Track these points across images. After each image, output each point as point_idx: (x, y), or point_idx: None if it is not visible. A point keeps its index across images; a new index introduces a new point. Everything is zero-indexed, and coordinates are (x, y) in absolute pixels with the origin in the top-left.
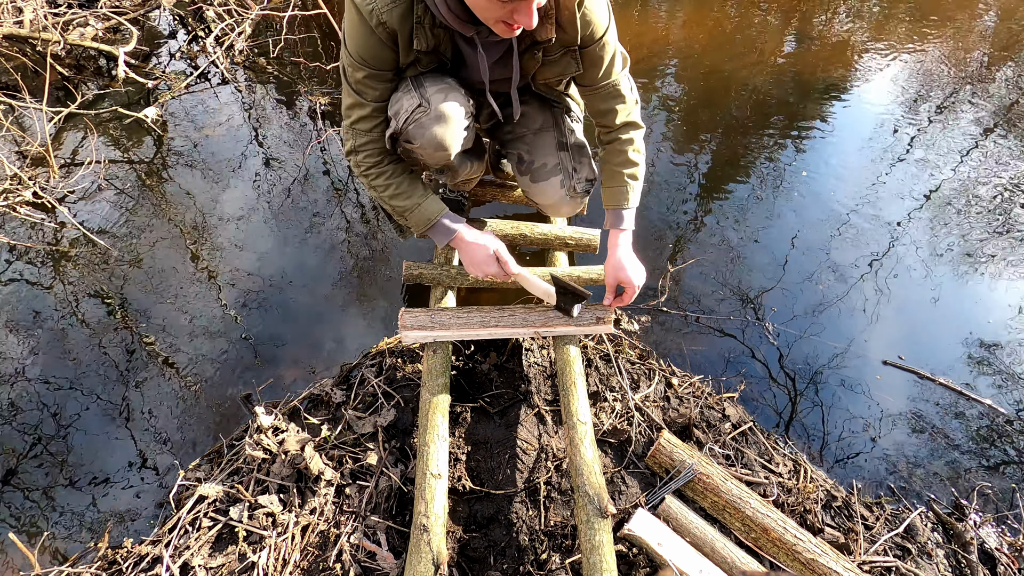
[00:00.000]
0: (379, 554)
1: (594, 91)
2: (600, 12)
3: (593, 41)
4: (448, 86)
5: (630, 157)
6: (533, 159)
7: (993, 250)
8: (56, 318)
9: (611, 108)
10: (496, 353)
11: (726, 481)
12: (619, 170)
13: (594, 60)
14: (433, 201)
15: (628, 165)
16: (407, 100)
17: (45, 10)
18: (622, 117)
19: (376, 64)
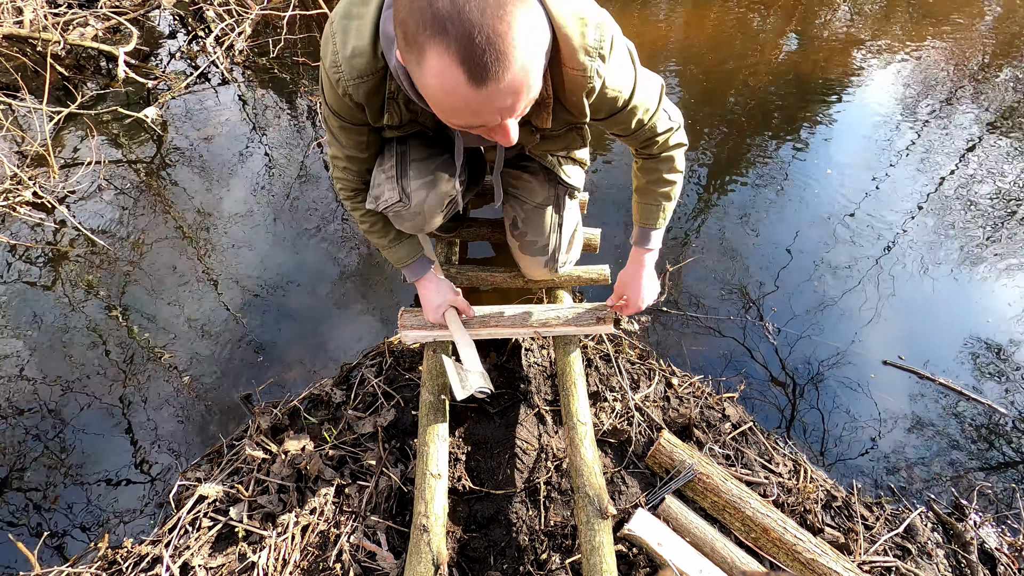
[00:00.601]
0: (379, 554)
1: (629, 137)
2: (620, 84)
3: (614, 113)
4: (433, 180)
5: (665, 176)
6: (527, 231)
7: (993, 250)
8: (56, 318)
9: (650, 142)
10: (496, 353)
11: (726, 481)
12: (653, 188)
13: (620, 122)
14: (405, 245)
15: (662, 184)
16: (388, 190)
17: (45, 10)
18: (661, 147)
19: (350, 119)
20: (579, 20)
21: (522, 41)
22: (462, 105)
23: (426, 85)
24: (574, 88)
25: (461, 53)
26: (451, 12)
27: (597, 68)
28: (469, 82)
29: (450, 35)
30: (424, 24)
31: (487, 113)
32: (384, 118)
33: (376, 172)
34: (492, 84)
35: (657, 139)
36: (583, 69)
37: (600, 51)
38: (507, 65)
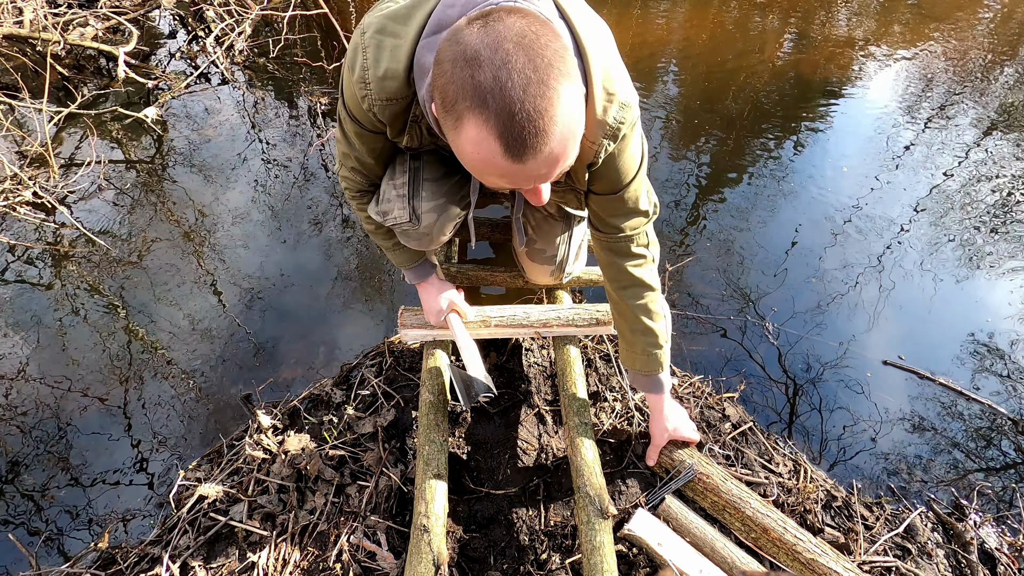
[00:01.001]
0: (379, 554)
1: (602, 236)
2: (624, 166)
3: (607, 193)
4: (444, 204)
5: (645, 323)
6: (536, 239)
7: (993, 249)
8: (56, 318)
9: (618, 264)
10: (496, 353)
11: (726, 481)
12: (636, 338)
13: (604, 206)
14: (409, 249)
15: (646, 333)
16: (398, 208)
17: (45, 10)
18: (631, 278)
19: (369, 127)
20: (607, 95)
21: (563, 117)
22: (496, 173)
23: (462, 151)
24: (581, 157)
25: (500, 127)
26: (493, 86)
27: (606, 146)
28: (506, 155)
29: (490, 109)
30: (465, 94)
31: (521, 180)
32: (404, 139)
33: (386, 185)
34: (530, 159)
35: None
36: (595, 142)
37: (617, 132)
38: (546, 140)
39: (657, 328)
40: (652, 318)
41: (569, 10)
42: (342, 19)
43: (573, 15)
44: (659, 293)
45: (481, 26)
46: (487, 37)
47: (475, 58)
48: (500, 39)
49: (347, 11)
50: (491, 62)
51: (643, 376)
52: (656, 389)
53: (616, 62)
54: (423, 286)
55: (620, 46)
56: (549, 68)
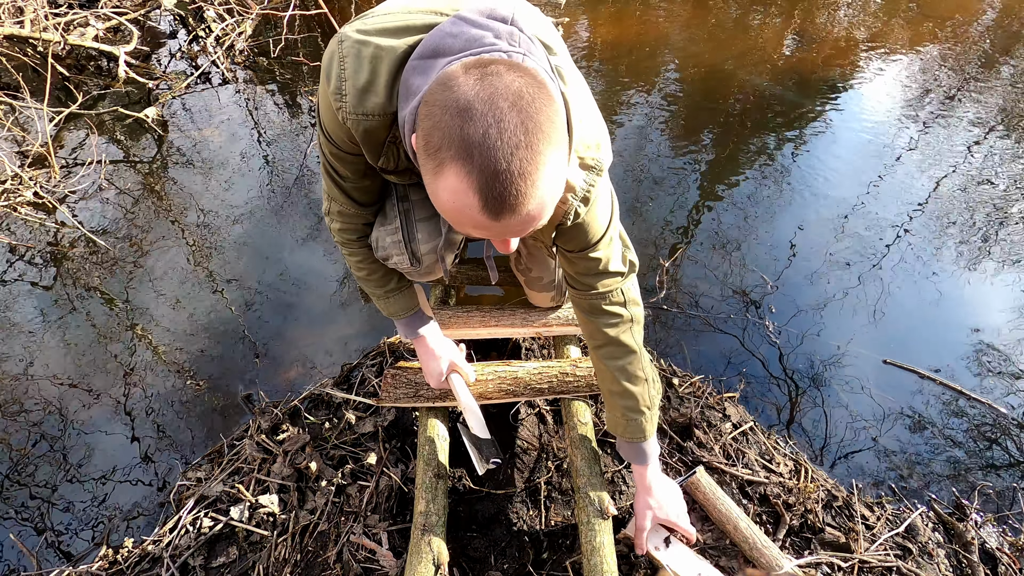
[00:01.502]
0: (379, 552)
1: (575, 292)
2: (591, 227)
3: (576, 251)
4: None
5: (623, 386)
6: (532, 268)
7: (994, 249)
8: (57, 318)
9: (592, 322)
10: (496, 353)
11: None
12: (615, 401)
13: (575, 264)
14: (403, 298)
15: (624, 396)
16: (396, 254)
17: (46, 10)
18: (606, 337)
19: (345, 149)
20: (580, 158)
21: (545, 181)
22: (470, 224)
23: (437, 197)
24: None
25: (481, 183)
26: (482, 142)
27: (576, 208)
28: (483, 211)
29: (475, 163)
30: (451, 143)
31: (492, 234)
32: (380, 160)
33: (380, 231)
34: (505, 217)
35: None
36: (563, 203)
37: (587, 195)
38: (525, 203)
39: (637, 392)
40: (632, 381)
41: (560, 66)
42: (342, 19)
43: (564, 71)
44: (641, 355)
45: (478, 78)
46: (483, 91)
47: (467, 109)
48: (496, 95)
49: (347, 11)
50: (483, 117)
51: (625, 443)
52: (639, 459)
53: (595, 123)
54: (420, 343)
55: (620, 45)
56: (539, 132)
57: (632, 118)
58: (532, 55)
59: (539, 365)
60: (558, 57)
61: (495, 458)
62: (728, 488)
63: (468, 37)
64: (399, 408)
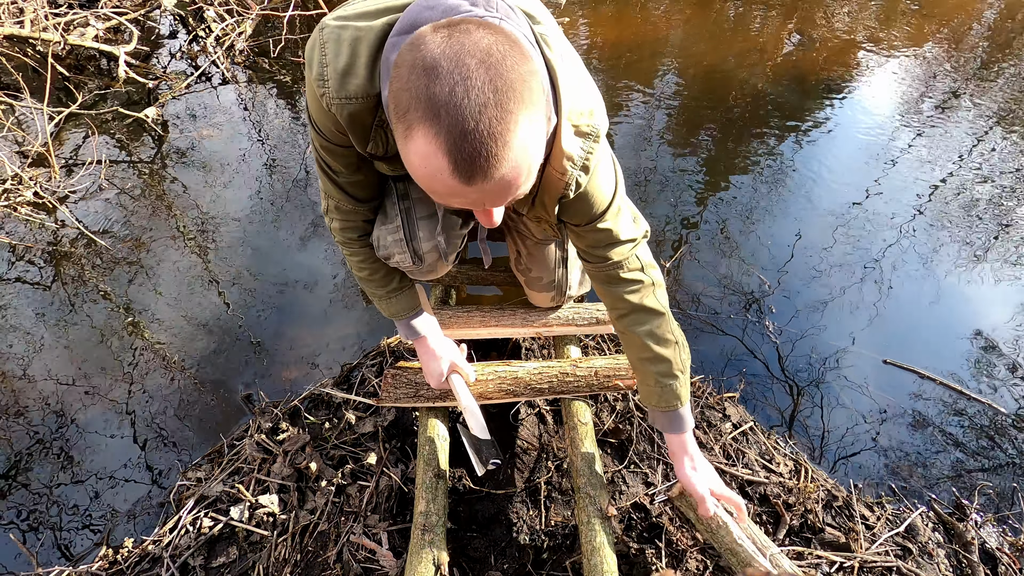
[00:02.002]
0: (379, 552)
1: (591, 265)
2: (595, 197)
3: (582, 224)
4: (442, 241)
5: (653, 350)
6: (531, 267)
7: (994, 248)
8: (57, 318)
9: (613, 292)
10: (496, 353)
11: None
12: (646, 368)
13: (584, 237)
14: (405, 298)
15: (655, 361)
16: (398, 253)
17: (46, 10)
18: (629, 304)
19: (335, 140)
20: (574, 126)
21: (519, 144)
22: (443, 191)
23: (409, 162)
24: (548, 190)
25: (450, 145)
26: (448, 101)
27: (577, 178)
28: (454, 174)
29: (442, 123)
30: (418, 104)
31: (469, 202)
32: (369, 146)
33: (380, 231)
34: (478, 182)
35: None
36: (563, 173)
37: (586, 163)
38: (497, 166)
39: (668, 355)
40: (663, 345)
41: (546, 34)
42: None
43: (549, 39)
44: (668, 318)
45: (446, 36)
46: (450, 48)
47: (433, 68)
48: (463, 52)
49: None
50: (450, 75)
51: (661, 413)
52: (676, 428)
53: (587, 90)
54: (420, 344)
55: (620, 45)
56: (510, 91)
57: (632, 118)
58: (510, 20)
59: (539, 365)
60: (543, 26)
61: (495, 459)
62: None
63: (445, 8)
64: (399, 408)
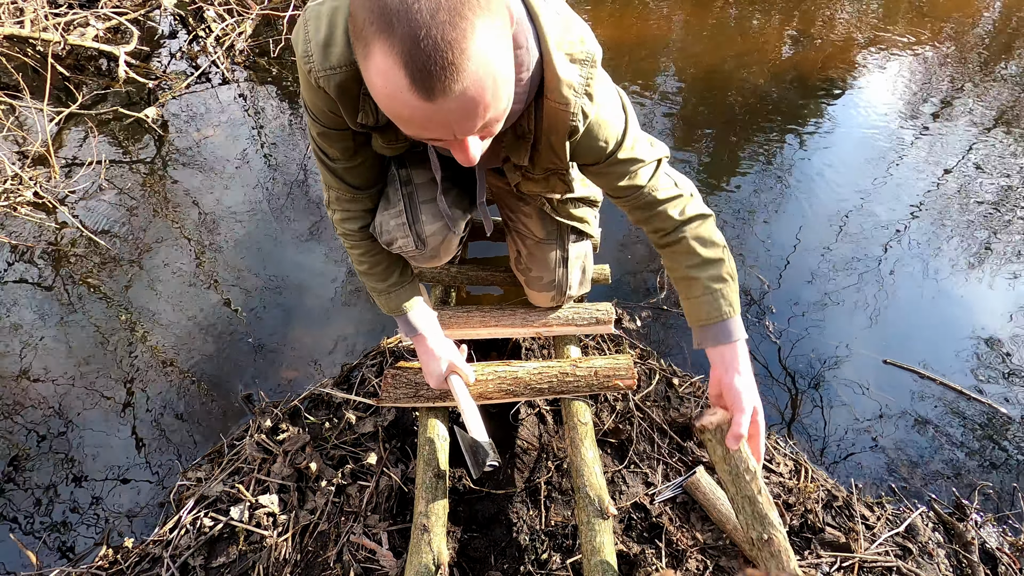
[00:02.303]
0: (379, 552)
1: (622, 200)
2: (608, 131)
3: (599, 162)
4: (445, 225)
5: (703, 255)
6: (531, 267)
7: (994, 248)
8: (57, 318)
9: (652, 216)
10: (496, 353)
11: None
12: (695, 275)
13: (605, 176)
14: (404, 293)
15: (705, 266)
16: (400, 237)
17: (46, 10)
18: (672, 221)
19: (328, 123)
20: (567, 54)
21: (478, 53)
22: (407, 113)
23: (372, 84)
24: (555, 126)
25: (405, 55)
26: (400, 8)
27: (583, 106)
28: (412, 88)
29: (396, 34)
30: (372, 16)
31: (436, 127)
32: (360, 116)
33: (383, 216)
34: (439, 97)
35: (665, 208)
36: (566, 104)
37: (587, 88)
38: (456, 77)
39: (717, 256)
40: (709, 247)
41: None
42: None
43: None
44: (713, 220)
45: None
46: None
47: None
48: None
49: None
50: None
51: (709, 328)
52: (726, 337)
53: (574, 20)
54: (419, 342)
55: (620, 45)
56: None
57: None
58: None
59: (539, 365)
60: None
61: (492, 461)
62: None
63: None
64: (399, 408)
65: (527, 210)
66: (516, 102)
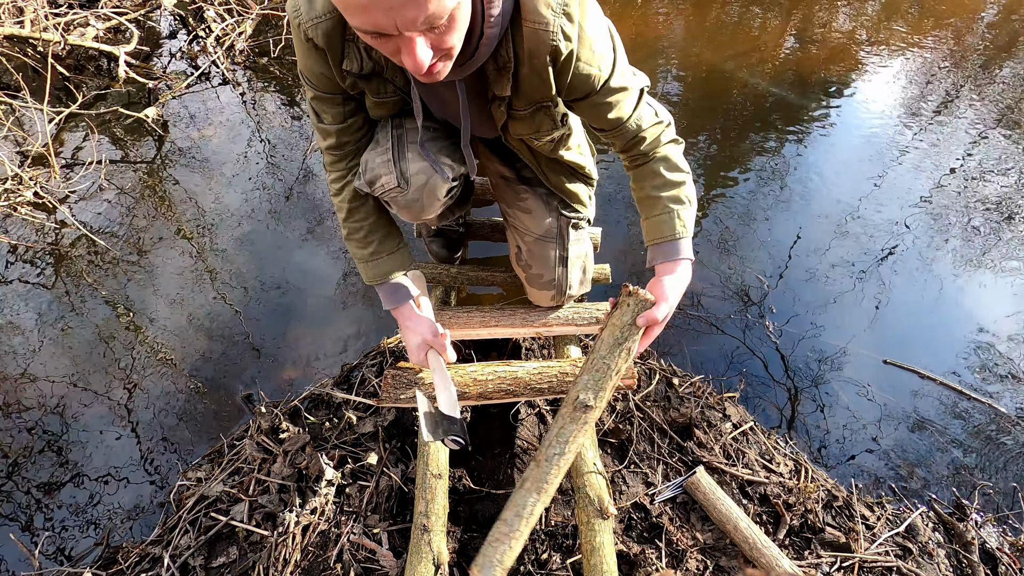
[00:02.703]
0: (379, 552)
1: (613, 135)
2: (596, 59)
3: (589, 95)
4: (431, 167)
5: (666, 177)
6: (532, 264)
7: (994, 248)
8: (57, 318)
9: (637, 139)
10: (496, 353)
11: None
12: (656, 195)
13: (597, 107)
14: (386, 262)
15: (667, 186)
16: (384, 174)
17: (46, 10)
18: (652, 143)
19: (321, 87)
20: None
21: None
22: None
23: None
24: (536, 49)
25: None
26: None
27: (563, 26)
28: None
29: None
30: None
31: (380, 13)
32: (345, 63)
33: (369, 155)
34: None
35: (645, 134)
36: (544, 23)
37: (565, 8)
38: None
39: (679, 179)
40: (674, 171)
41: None
42: None
43: None
44: (681, 148)
45: None
46: None
47: None
48: None
49: None
50: None
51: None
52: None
53: None
54: (400, 315)
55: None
56: None
57: None
58: None
59: (539, 365)
60: None
61: (457, 437)
62: (728, 488)
63: None
64: (399, 408)
65: (524, 205)
66: (490, 27)
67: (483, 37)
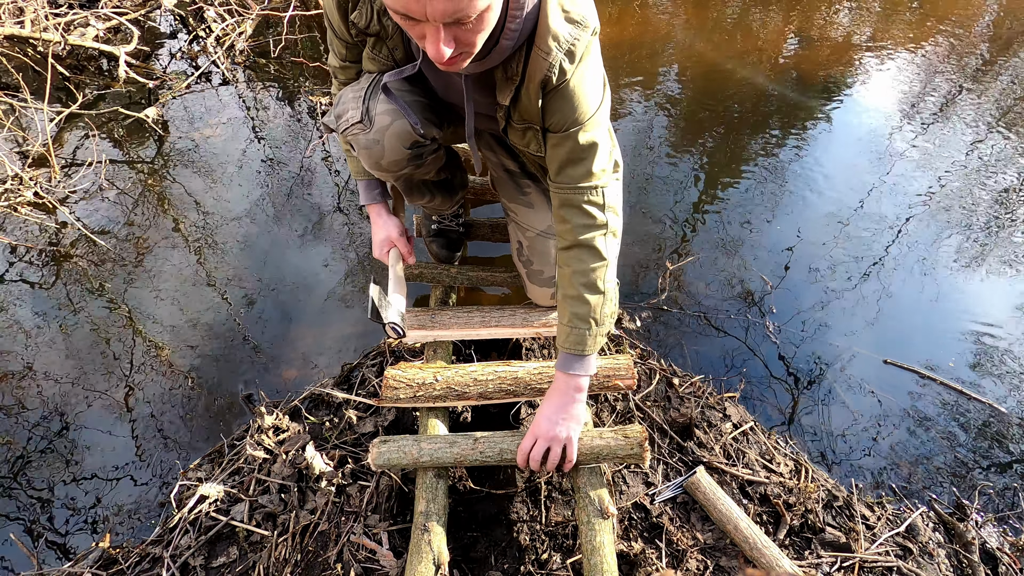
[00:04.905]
0: (379, 552)
1: (555, 185)
2: (580, 98)
3: (563, 130)
4: (398, 111)
5: (581, 293)
6: (532, 260)
7: (995, 248)
8: (57, 318)
9: (566, 218)
10: (496, 353)
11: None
12: (566, 306)
13: (560, 148)
14: None
15: (576, 302)
16: (351, 108)
17: (46, 10)
18: (575, 239)
19: (339, 32)
20: (564, 10)
21: None
22: None
23: None
24: (534, 74)
25: None
26: None
27: (562, 62)
28: None
29: None
30: None
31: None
32: (354, 15)
33: (344, 90)
34: None
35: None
36: (547, 52)
37: (571, 46)
38: None
39: (591, 300)
40: (589, 289)
41: None
42: None
43: None
44: (608, 266)
45: None
46: None
47: None
48: None
49: None
50: None
51: (564, 355)
52: (567, 367)
53: None
54: (373, 211)
55: (620, 44)
56: None
57: (632, 118)
58: None
59: (539, 365)
60: None
61: (396, 325)
62: (728, 488)
63: None
64: (399, 408)
65: (527, 200)
66: (507, 38)
67: (497, 45)
